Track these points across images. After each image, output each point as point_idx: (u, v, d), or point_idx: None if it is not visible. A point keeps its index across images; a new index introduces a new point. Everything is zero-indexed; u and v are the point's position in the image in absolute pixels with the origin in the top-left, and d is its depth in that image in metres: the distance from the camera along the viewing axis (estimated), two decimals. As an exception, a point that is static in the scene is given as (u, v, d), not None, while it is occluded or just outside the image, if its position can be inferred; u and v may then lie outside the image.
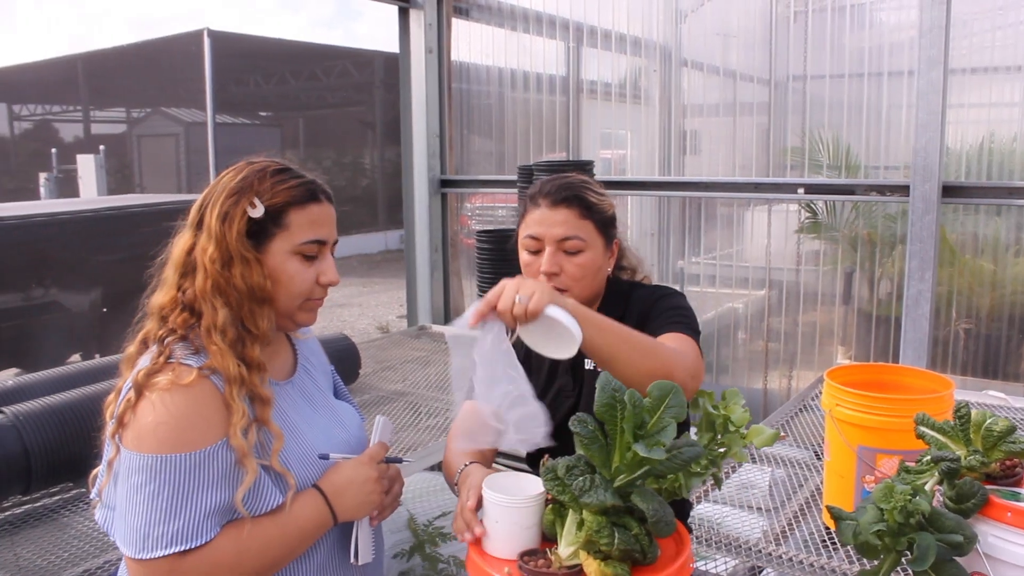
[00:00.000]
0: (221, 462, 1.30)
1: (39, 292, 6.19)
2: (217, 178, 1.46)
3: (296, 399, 1.50)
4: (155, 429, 1.27)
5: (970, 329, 3.94)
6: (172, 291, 1.41)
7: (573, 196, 1.80)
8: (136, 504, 1.26)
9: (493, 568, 1.23)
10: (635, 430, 1.15)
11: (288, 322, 1.49)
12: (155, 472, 1.25)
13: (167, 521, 1.25)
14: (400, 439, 3.02)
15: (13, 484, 2.42)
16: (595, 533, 1.14)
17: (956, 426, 1.52)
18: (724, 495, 2.50)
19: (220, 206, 1.40)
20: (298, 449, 1.42)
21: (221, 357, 1.33)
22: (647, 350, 1.55)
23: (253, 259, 1.39)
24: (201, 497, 1.27)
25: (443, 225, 5.37)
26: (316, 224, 1.45)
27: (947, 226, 3.95)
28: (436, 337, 4.84)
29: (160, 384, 1.29)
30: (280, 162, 1.48)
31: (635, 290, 1.92)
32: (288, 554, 1.37)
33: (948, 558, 1.27)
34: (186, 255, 1.41)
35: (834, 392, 2.06)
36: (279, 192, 1.41)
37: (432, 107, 5.25)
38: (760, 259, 4.63)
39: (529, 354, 1.92)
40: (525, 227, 1.83)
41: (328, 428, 1.53)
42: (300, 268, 1.43)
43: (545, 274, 1.78)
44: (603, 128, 5.48)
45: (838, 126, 4.34)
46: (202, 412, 1.30)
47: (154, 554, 1.25)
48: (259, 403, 1.36)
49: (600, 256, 1.84)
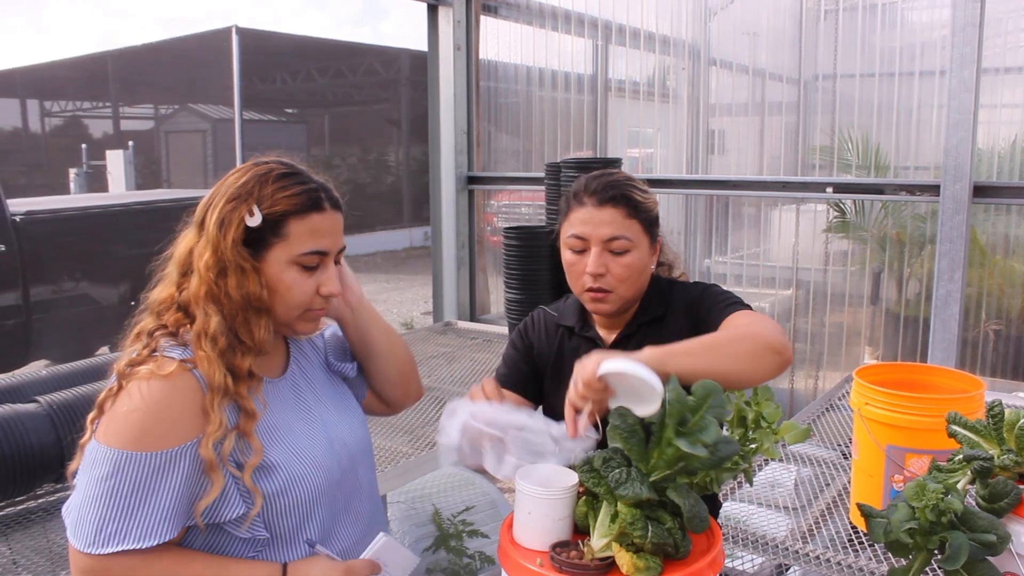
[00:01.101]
0: (188, 463, 1.26)
1: (69, 285, 6.27)
2: (224, 177, 1.43)
3: (287, 397, 1.46)
4: (126, 420, 1.24)
5: (1000, 330, 3.90)
6: (171, 288, 1.38)
7: (620, 195, 1.77)
8: (94, 497, 1.23)
9: (525, 559, 1.24)
10: (677, 426, 1.15)
11: (288, 330, 1.47)
12: (118, 467, 1.23)
13: (122, 519, 1.23)
14: (426, 434, 3.03)
15: (47, 472, 2.46)
16: (629, 525, 1.15)
17: (989, 425, 1.51)
18: (750, 494, 2.49)
19: (220, 210, 1.36)
20: (285, 448, 1.38)
21: (208, 364, 1.29)
22: (737, 340, 1.55)
23: (250, 268, 1.35)
24: (160, 498, 1.25)
25: (470, 221, 5.38)
26: (317, 234, 1.39)
27: (977, 226, 3.91)
28: (462, 333, 4.86)
29: (140, 373, 1.27)
30: (287, 164, 1.43)
31: (675, 288, 1.90)
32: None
33: (980, 558, 1.27)
34: (188, 254, 1.39)
35: (863, 391, 2.05)
36: (279, 200, 1.36)
37: (460, 104, 5.26)
38: (787, 259, 4.61)
39: (562, 352, 1.93)
40: (569, 226, 1.80)
41: (317, 427, 1.48)
42: (299, 279, 1.38)
43: (591, 275, 1.77)
44: (630, 127, 5.47)
45: (867, 126, 4.30)
46: (175, 406, 1.26)
47: (104, 550, 1.23)
48: (243, 415, 1.32)
49: (646, 255, 1.82)
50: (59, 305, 6.16)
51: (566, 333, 1.95)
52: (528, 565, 1.22)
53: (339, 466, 1.46)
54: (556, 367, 1.93)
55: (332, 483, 1.42)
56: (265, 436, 1.36)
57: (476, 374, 3.88)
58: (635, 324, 1.87)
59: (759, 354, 1.53)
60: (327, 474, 1.42)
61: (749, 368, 1.51)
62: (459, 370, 3.96)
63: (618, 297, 1.80)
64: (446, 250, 5.34)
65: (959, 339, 3.66)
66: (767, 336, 1.55)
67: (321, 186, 1.42)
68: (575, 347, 1.92)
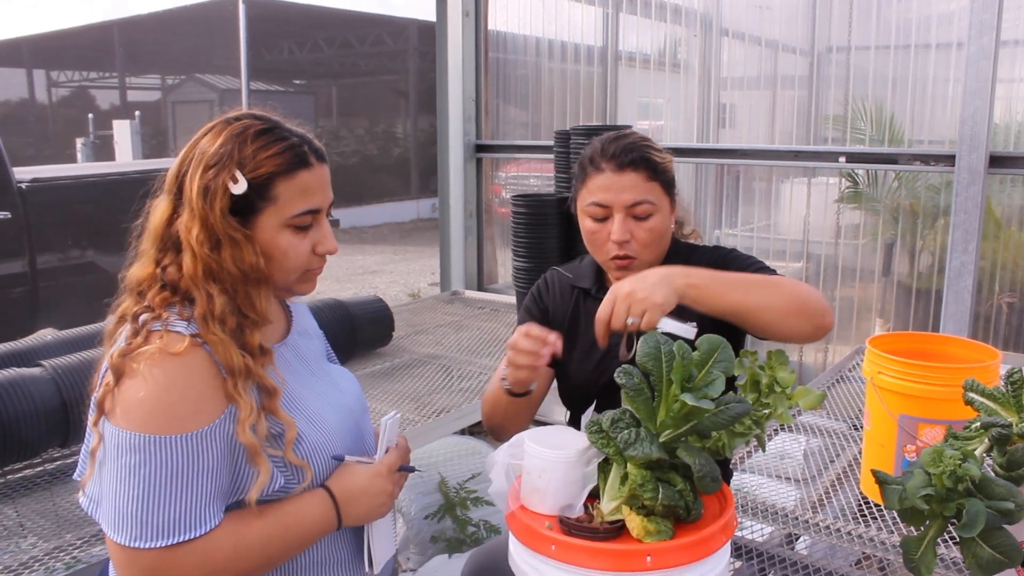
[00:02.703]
0: (220, 442, 1.20)
1: (75, 253, 6.25)
2: (193, 139, 1.31)
3: (291, 361, 1.40)
4: (145, 405, 1.16)
5: (1013, 303, 3.86)
6: (150, 266, 1.29)
7: (640, 158, 1.72)
8: (130, 487, 1.15)
9: (535, 522, 1.22)
10: (683, 383, 1.12)
11: (285, 293, 1.41)
12: (150, 453, 1.15)
13: (166, 508, 1.15)
14: (433, 401, 3.03)
15: (52, 436, 2.46)
16: (639, 487, 1.13)
17: (1008, 392, 1.48)
18: (759, 465, 2.47)
19: (200, 178, 1.25)
20: (302, 418, 1.33)
21: (224, 349, 1.22)
22: (780, 289, 1.55)
23: (242, 238, 1.26)
24: (200, 482, 1.18)
25: (478, 190, 5.35)
26: (307, 192, 1.31)
27: (992, 198, 3.85)
28: (469, 302, 4.84)
29: (148, 354, 1.18)
30: (262, 118, 1.33)
31: (695, 252, 1.87)
32: (286, 554, 1.28)
33: (997, 526, 1.25)
34: (165, 226, 1.29)
35: (876, 360, 2.02)
36: (263, 161, 1.27)
37: (468, 71, 5.20)
38: (798, 232, 4.56)
39: (577, 315, 1.91)
40: (588, 193, 1.76)
41: (325, 391, 1.43)
42: (294, 241, 1.31)
43: (616, 242, 1.73)
44: (640, 97, 5.41)
45: (882, 100, 4.24)
46: (196, 385, 1.19)
47: (150, 544, 1.15)
48: (265, 393, 1.26)
49: (667, 217, 1.78)
50: (66, 273, 6.13)
51: (582, 295, 1.92)
52: (537, 528, 1.20)
53: (349, 429, 1.43)
54: (571, 329, 1.90)
55: (345, 447, 1.39)
56: (285, 407, 1.31)
57: (483, 343, 3.87)
58: None
59: (798, 311, 1.55)
60: (341, 438, 1.39)
61: (783, 320, 1.54)
62: (467, 339, 3.95)
63: (643, 263, 1.77)
64: (453, 219, 5.30)
65: (972, 311, 3.61)
66: (808, 296, 1.56)
67: (303, 138, 1.34)
68: (590, 309, 1.89)
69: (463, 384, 3.23)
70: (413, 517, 3.41)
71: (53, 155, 17.95)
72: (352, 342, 3.45)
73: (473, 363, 3.52)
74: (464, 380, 3.28)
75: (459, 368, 3.44)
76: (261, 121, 1.32)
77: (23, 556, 1.97)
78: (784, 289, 1.55)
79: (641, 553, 1.13)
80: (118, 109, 19.75)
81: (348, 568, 1.41)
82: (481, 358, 3.61)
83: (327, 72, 21.42)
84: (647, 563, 1.12)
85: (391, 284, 10.60)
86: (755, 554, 2.02)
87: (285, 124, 1.35)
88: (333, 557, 1.38)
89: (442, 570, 3.14)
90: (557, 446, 1.25)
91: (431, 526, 3.43)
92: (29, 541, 2.06)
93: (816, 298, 1.58)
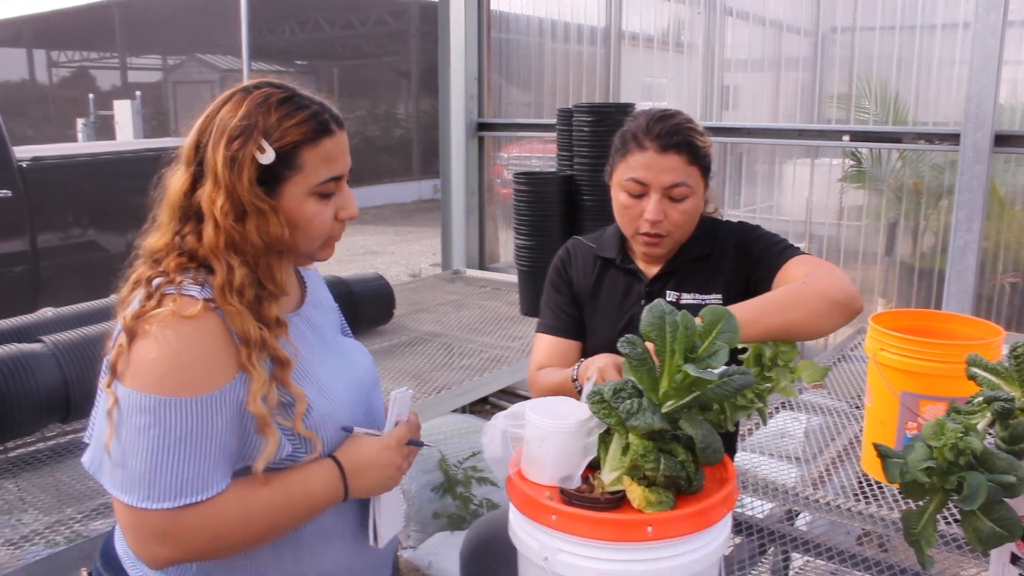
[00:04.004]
0: (230, 406, 1.20)
1: (76, 232, 6.24)
2: (211, 108, 1.30)
3: (304, 332, 1.39)
4: (157, 366, 1.16)
5: (1016, 283, 3.84)
6: (167, 236, 1.28)
7: (684, 141, 1.75)
8: (140, 448, 1.16)
9: (535, 493, 1.22)
10: (686, 353, 1.12)
11: (306, 260, 1.41)
12: (160, 415, 1.15)
13: (174, 469, 1.15)
14: (433, 379, 3.03)
15: (53, 412, 2.46)
16: (641, 458, 1.12)
17: (1011, 367, 1.47)
18: (760, 443, 2.47)
19: (224, 147, 1.24)
20: (312, 388, 1.32)
21: (241, 320, 1.21)
22: (809, 298, 1.56)
23: (268, 208, 1.25)
24: (209, 446, 1.18)
25: (480, 169, 5.33)
26: (331, 159, 1.31)
27: (997, 177, 3.83)
28: (470, 281, 4.84)
29: (160, 316, 1.18)
30: (281, 86, 1.32)
31: (720, 227, 1.89)
32: (292, 522, 1.28)
33: (998, 499, 1.24)
34: (183, 197, 1.28)
35: (879, 336, 2.02)
36: (288, 130, 1.27)
37: (471, 50, 5.18)
38: (800, 213, 4.55)
39: (600, 284, 1.92)
40: (628, 168, 1.77)
41: (336, 363, 1.42)
42: (318, 208, 1.31)
43: (649, 221, 1.75)
44: (644, 77, 5.38)
45: (886, 81, 4.21)
46: (208, 349, 1.19)
47: (157, 505, 1.15)
48: (278, 365, 1.25)
49: (700, 200, 1.81)
50: (67, 252, 6.11)
51: (604, 264, 1.94)
52: (537, 498, 1.19)
53: (359, 402, 1.42)
54: (593, 296, 1.93)
55: (355, 420, 1.38)
56: (296, 378, 1.30)
57: (484, 321, 3.87)
58: (679, 261, 1.86)
59: (829, 312, 1.56)
60: (351, 410, 1.38)
61: (818, 325, 1.56)
62: (468, 317, 3.95)
63: (672, 241, 1.81)
64: (455, 198, 5.29)
65: (975, 291, 3.61)
66: (834, 292, 1.57)
67: (322, 105, 1.34)
68: (614, 279, 1.91)
69: (464, 362, 3.23)
70: (414, 494, 3.41)
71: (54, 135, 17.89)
72: (353, 320, 3.43)
73: (474, 341, 3.52)
74: (465, 358, 3.28)
75: (460, 346, 3.43)
76: (281, 89, 1.31)
77: (24, 530, 1.98)
78: (811, 295, 1.56)
79: (642, 523, 1.13)
80: (119, 89, 19.67)
81: (353, 540, 1.41)
82: (482, 336, 3.61)
83: (329, 52, 21.31)
84: (648, 533, 1.12)
85: (392, 265, 10.58)
86: (755, 530, 2.02)
87: (302, 91, 1.35)
88: (338, 528, 1.38)
89: (443, 547, 3.15)
90: (557, 416, 1.25)
91: (432, 503, 3.44)
92: (30, 515, 2.07)
93: (842, 287, 1.59)
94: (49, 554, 1.87)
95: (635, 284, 1.89)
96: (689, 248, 1.86)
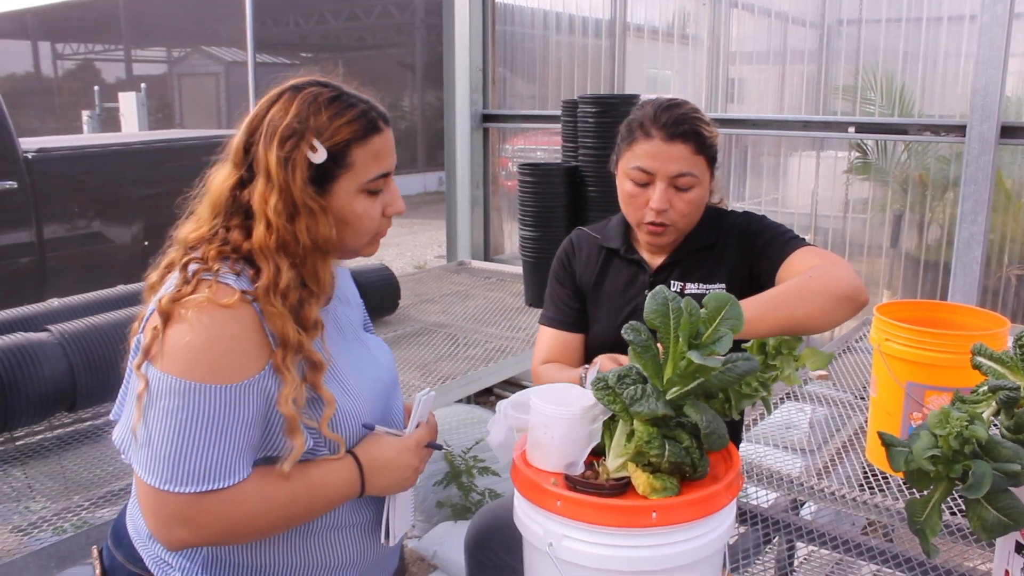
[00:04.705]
0: (257, 397, 1.21)
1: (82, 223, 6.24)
2: (259, 108, 1.31)
3: (329, 328, 1.38)
4: (190, 351, 1.17)
5: (1022, 275, 3.83)
6: (204, 229, 1.30)
7: (691, 131, 1.75)
8: (166, 430, 1.17)
9: (540, 479, 1.22)
10: (690, 340, 1.12)
11: (351, 255, 1.42)
12: (188, 399, 1.16)
13: (199, 455, 1.17)
14: (438, 369, 3.03)
15: (59, 401, 2.46)
16: (645, 444, 1.12)
17: (1016, 356, 1.47)
18: (765, 435, 2.47)
19: (278, 148, 1.25)
20: (336, 386, 1.33)
21: (281, 323, 1.22)
22: (814, 293, 1.55)
23: (319, 208, 1.27)
24: (234, 434, 1.19)
25: (484, 160, 5.32)
26: (380, 156, 1.32)
27: (1003, 169, 3.82)
28: (475, 272, 4.84)
29: (195, 302, 1.18)
30: (329, 85, 1.34)
31: (725, 217, 1.89)
32: (308, 515, 1.29)
33: (1003, 488, 1.24)
34: (228, 193, 1.29)
35: (884, 327, 2.01)
36: (340, 129, 1.28)
37: (476, 41, 5.17)
38: (806, 205, 4.54)
39: (604, 274, 1.92)
40: (633, 157, 1.77)
41: (359, 360, 1.43)
42: (367, 205, 1.32)
43: (654, 210, 1.75)
44: (649, 69, 5.37)
45: (892, 74, 4.20)
46: (241, 339, 1.20)
47: (181, 488, 1.17)
48: (311, 367, 1.26)
49: (706, 191, 1.81)
50: (72, 243, 6.12)
51: (608, 254, 1.94)
52: (542, 484, 1.20)
53: (379, 399, 1.43)
54: (596, 286, 1.93)
55: (375, 417, 1.39)
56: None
57: (489, 312, 3.87)
58: (683, 251, 1.86)
59: (835, 307, 1.56)
60: (371, 408, 1.39)
61: (825, 320, 1.56)
62: (473, 308, 3.95)
63: (676, 230, 1.81)
64: (460, 189, 5.29)
65: (980, 283, 3.60)
66: (840, 286, 1.56)
67: (369, 103, 1.35)
68: (618, 269, 1.91)
69: (469, 352, 3.24)
70: (419, 484, 3.42)
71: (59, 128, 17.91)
72: (359, 310, 3.45)
73: (479, 331, 3.52)
74: (470, 348, 3.29)
75: (465, 336, 3.44)
76: (328, 88, 1.33)
77: (32, 517, 1.99)
78: (818, 290, 1.56)
79: (647, 509, 1.13)
80: (124, 82, 19.67)
81: (365, 535, 1.42)
82: (487, 327, 3.61)
83: (333, 45, 21.30)
84: (652, 519, 1.12)
85: (397, 257, 10.59)
86: (760, 519, 2.02)
87: (349, 89, 1.36)
88: (351, 523, 1.39)
89: (448, 536, 3.16)
90: (562, 403, 1.25)
91: (437, 493, 3.45)
92: (39, 503, 2.08)
93: (848, 281, 1.59)
94: (56, 541, 1.88)
95: (639, 274, 1.89)
96: (693, 238, 1.86)
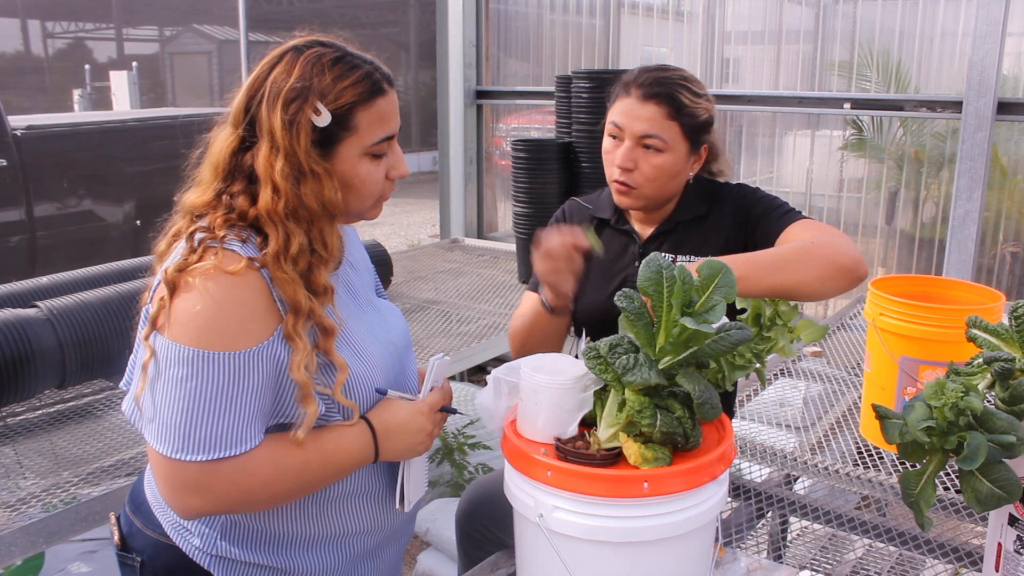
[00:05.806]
0: (267, 363, 1.20)
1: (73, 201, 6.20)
2: (261, 69, 1.28)
3: (341, 293, 1.37)
4: (197, 319, 1.16)
5: (1017, 253, 3.83)
6: (209, 194, 1.27)
7: (665, 94, 1.73)
8: (176, 399, 1.16)
9: (530, 449, 1.21)
10: (683, 308, 1.10)
11: (355, 219, 1.40)
12: (198, 368, 1.15)
13: (210, 423, 1.16)
14: (432, 345, 3.02)
15: (48, 378, 2.45)
16: (637, 414, 1.11)
17: (1012, 328, 1.46)
18: (758, 411, 2.47)
19: (282, 110, 1.22)
20: (347, 350, 1.31)
21: (292, 289, 1.21)
22: (812, 258, 1.53)
23: (323, 172, 1.25)
24: (245, 401, 1.18)
25: (478, 138, 5.29)
26: (384, 119, 1.30)
27: (999, 146, 3.81)
28: (469, 250, 4.82)
29: (202, 269, 1.17)
30: (332, 45, 1.30)
31: (719, 188, 1.87)
32: (322, 481, 1.29)
33: (997, 460, 1.23)
34: (230, 156, 1.27)
35: (879, 301, 2.00)
36: (344, 91, 1.25)
37: (469, 16, 5.12)
38: (801, 184, 4.52)
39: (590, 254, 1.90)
40: (612, 113, 1.78)
41: (371, 324, 1.41)
42: (372, 168, 1.30)
43: (619, 167, 1.74)
44: (643, 46, 5.33)
45: (888, 52, 4.17)
46: (248, 305, 1.18)
47: (193, 457, 1.16)
48: (322, 333, 1.25)
49: (681, 160, 1.78)
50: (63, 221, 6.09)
51: (600, 224, 1.93)
52: (532, 454, 1.18)
53: (392, 364, 1.41)
54: (587, 258, 1.90)
55: (388, 382, 1.38)
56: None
57: (483, 289, 3.86)
58: (673, 221, 1.85)
59: (833, 276, 1.53)
60: (384, 372, 1.37)
61: (822, 288, 1.53)
62: (466, 285, 3.94)
63: (642, 195, 1.78)
64: (454, 167, 5.25)
65: (975, 260, 3.59)
66: (842, 256, 1.54)
67: (373, 64, 1.32)
68: (609, 239, 1.90)
69: (462, 328, 3.23)
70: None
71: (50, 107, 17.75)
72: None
73: (472, 308, 3.51)
74: (463, 324, 3.28)
75: (457, 313, 3.43)
76: (332, 48, 1.30)
77: (21, 493, 1.98)
78: (816, 257, 1.53)
79: (638, 479, 1.12)
80: (115, 61, 19.52)
81: (380, 502, 1.41)
82: (480, 303, 3.60)
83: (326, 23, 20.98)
84: (644, 489, 1.11)
85: (391, 236, 10.56)
86: (753, 494, 2.01)
87: (353, 50, 1.33)
88: (366, 490, 1.39)
89: (441, 513, 3.15)
90: (553, 372, 1.24)
91: (430, 470, 3.44)
92: (28, 479, 2.07)
93: (846, 252, 1.57)
94: (45, 517, 1.87)
95: (630, 245, 1.88)
96: (684, 208, 1.84)
